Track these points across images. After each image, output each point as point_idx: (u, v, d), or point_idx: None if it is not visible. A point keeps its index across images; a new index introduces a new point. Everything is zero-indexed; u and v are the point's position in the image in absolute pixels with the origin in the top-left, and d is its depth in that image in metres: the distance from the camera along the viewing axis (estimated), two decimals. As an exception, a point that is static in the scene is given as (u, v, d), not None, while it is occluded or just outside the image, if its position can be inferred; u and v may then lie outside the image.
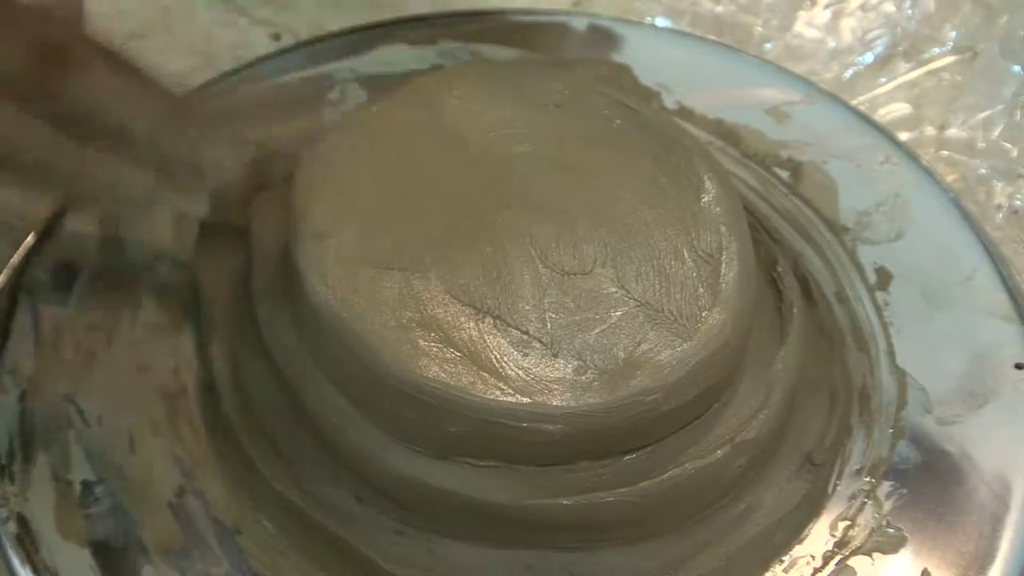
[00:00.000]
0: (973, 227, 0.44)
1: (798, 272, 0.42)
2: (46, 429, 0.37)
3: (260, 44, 0.53)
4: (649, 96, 0.49)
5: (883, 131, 0.48)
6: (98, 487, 0.36)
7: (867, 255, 0.44)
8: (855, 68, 0.54)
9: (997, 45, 0.54)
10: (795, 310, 0.39)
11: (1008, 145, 0.50)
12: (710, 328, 0.34)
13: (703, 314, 0.34)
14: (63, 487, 0.35)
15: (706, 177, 0.38)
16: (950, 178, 0.48)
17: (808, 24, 0.56)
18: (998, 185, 0.49)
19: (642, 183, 0.38)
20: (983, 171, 0.49)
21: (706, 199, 0.38)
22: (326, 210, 0.36)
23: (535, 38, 0.51)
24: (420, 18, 0.51)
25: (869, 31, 0.55)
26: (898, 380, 0.40)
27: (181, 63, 0.51)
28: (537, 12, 0.52)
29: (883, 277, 0.43)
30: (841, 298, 0.43)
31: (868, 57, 0.54)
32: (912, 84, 0.53)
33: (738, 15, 0.56)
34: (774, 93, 0.49)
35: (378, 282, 0.35)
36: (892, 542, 0.36)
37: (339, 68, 0.49)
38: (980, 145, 0.50)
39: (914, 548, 0.36)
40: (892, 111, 0.52)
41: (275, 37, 0.53)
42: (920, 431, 0.38)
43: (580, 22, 0.51)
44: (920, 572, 0.35)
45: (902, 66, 0.54)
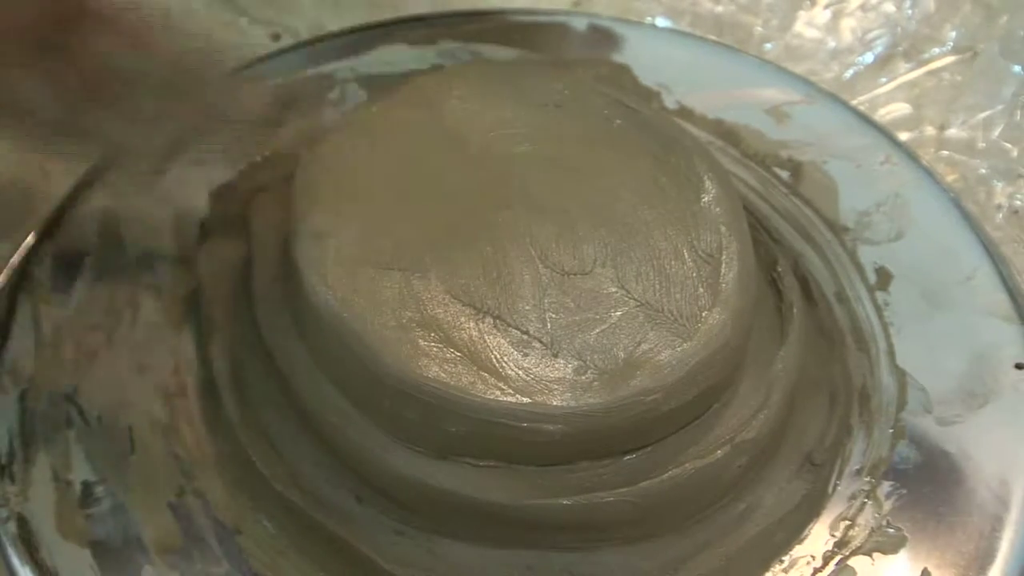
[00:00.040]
0: (973, 227, 0.44)
1: (798, 272, 0.42)
2: (46, 429, 0.37)
3: (260, 44, 0.53)
4: (649, 96, 0.49)
5: (883, 131, 0.48)
6: (98, 487, 0.36)
7: (867, 255, 0.44)
8: (855, 68, 0.54)
9: (997, 45, 0.54)
10: (795, 310, 0.39)
11: (1008, 145, 0.50)
12: (710, 328, 0.34)
13: (703, 314, 0.34)
14: (63, 487, 0.35)
15: (706, 177, 0.38)
16: (950, 178, 0.48)
17: (808, 24, 0.56)
18: (998, 185, 0.49)
19: (642, 183, 0.38)
20: (983, 171, 0.49)
21: (706, 199, 0.38)
22: (326, 210, 0.36)
23: (535, 38, 0.50)
24: (420, 18, 0.51)
25: (869, 31, 0.55)
26: (898, 380, 0.40)
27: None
28: (537, 12, 0.52)
29: (883, 277, 0.43)
30: (841, 298, 0.43)
31: (868, 57, 0.54)
32: (912, 84, 0.53)
33: (738, 15, 0.56)
34: (774, 93, 0.49)
35: (378, 282, 0.35)
36: (892, 542, 0.36)
37: (339, 68, 0.49)
38: (980, 145, 0.50)
39: (914, 548, 0.36)
40: (892, 111, 0.52)
41: (275, 37, 0.53)
42: (920, 431, 0.38)
43: (580, 22, 0.51)
44: (920, 572, 0.35)
45: (902, 66, 0.54)
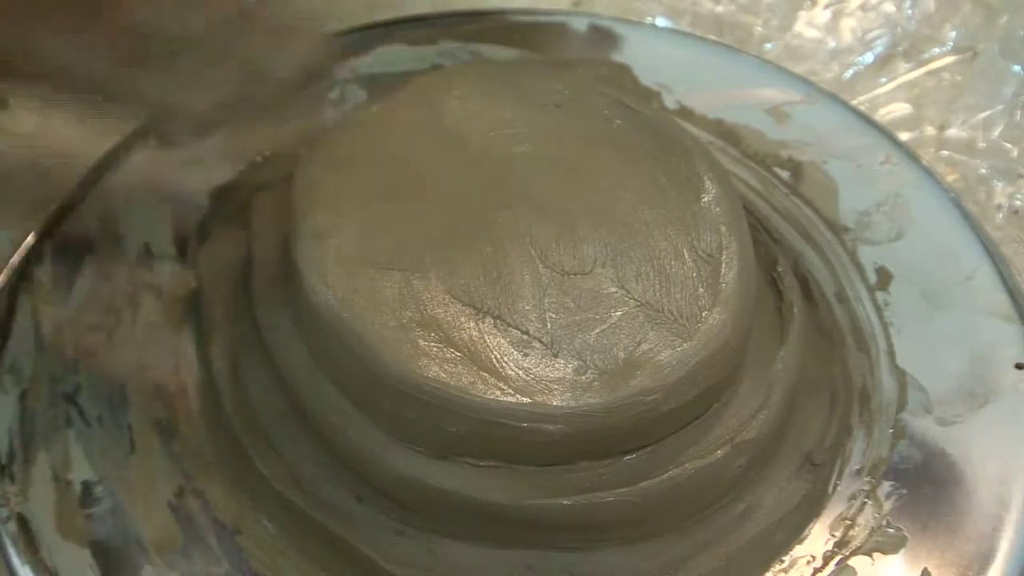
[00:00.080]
0: (973, 227, 0.44)
1: (798, 272, 0.42)
2: (46, 429, 0.37)
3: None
4: (649, 96, 0.49)
5: (883, 131, 0.48)
6: (98, 487, 0.36)
7: (867, 255, 0.44)
8: (855, 68, 0.54)
9: (997, 45, 0.54)
10: (795, 310, 0.39)
11: (1008, 145, 0.50)
12: (710, 328, 0.34)
13: (703, 314, 0.34)
14: (63, 487, 0.35)
15: (706, 177, 0.38)
16: (950, 178, 0.48)
17: (808, 24, 0.56)
18: (998, 185, 0.49)
19: (642, 183, 0.38)
20: (983, 171, 0.49)
21: (706, 199, 0.38)
22: (326, 210, 0.36)
23: (535, 38, 0.50)
24: (420, 18, 0.51)
25: (869, 31, 0.55)
26: (898, 380, 0.40)
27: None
28: (537, 12, 0.52)
29: (883, 277, 0.43)
30: (841, 298, 0.43)
31: (868, 57, 0.54)
32: (912, 84, 0.53)
33: (738, 15, 0.56)
34: (774, 93, 0.49)
35: (378, 282, 0.35)
36: (892, 542, 0.36)
37: (339, 68, 0.49)
38: (980, 145, 0.50)
39: (914, 548, 0.36)
40: (892, 111, 0.52)
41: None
42: (920, 431, 0.38)
43: (580, 22, 0.51)
44: (920, 572, 0.35)
45: (902, 66, 0.54)
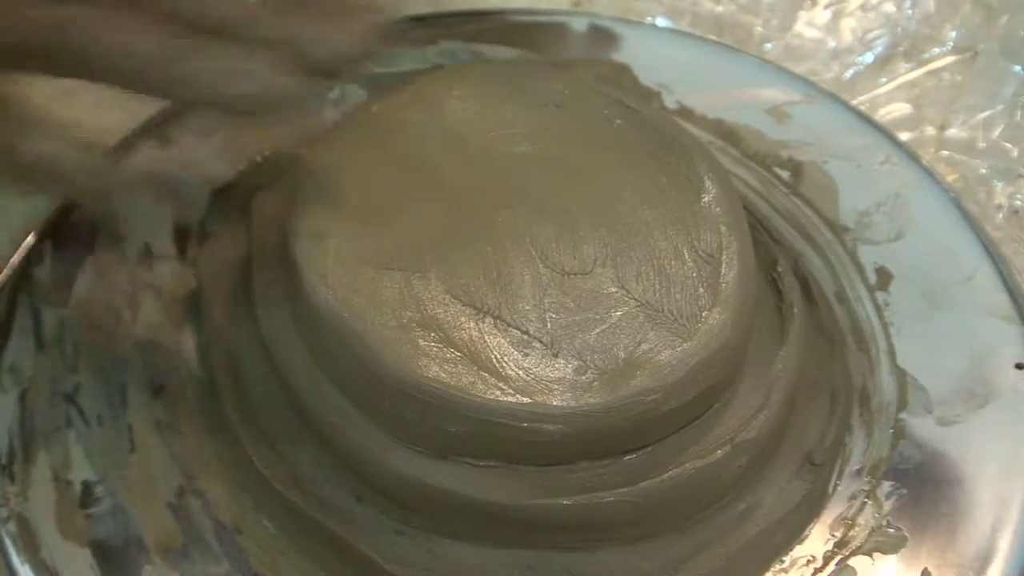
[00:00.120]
0: (973, 227, 0.44)
1: (798, 272, 0.42)
2: (46, 429, 0.36)
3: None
4: (649, 96, 0.49)
5: (883, 131, 0.48)
6: (98, 487, 0.36)
7: (867, 255, 0.44)
8: (855, 68, 0.54)
9: (997, 45, 0.54)
10: (795, 310, 0.39)
11: (1008, 145, 0.50)
12: (710, 328, 0.34)
13: (703, 314, 0.34)
14: (63, 487, 0.35)
15: (706, 177, 0.38)
16: (950, 178, 0.48)
17: (808, 24, 0.56)
18: (998, 185, 0.49)
19: (642, 183, 0.38)
20: (983, 171, 0.49)
21: (706, 199, 0.38)
22: (326, 210, 0.36)
23: (535, 38, 0.50)
24: (420, 18, 0.51)
25: (869, 31, 0.55)
26: (898, 380, 0.40)
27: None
28: (537, 12, 0.52)
29: (883, 277, 0.43)
30: (841, 298, 0.43)
31: (868, 57, 0.54)
32: (912, 84, 0.53)
33: (738, 15, 0.56)
34: (774, 93, 0.49)
35: (378, 282, 0.35)
36: (892, 542, 0.36)
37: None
38: (980, 145, 0.50)
39: (914, 548, 0.36)
40: (892, 111, 0.52)
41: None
42: (920, 431, 0.38)
43: (580, 22, 0.51)
44: (920, 572, 0.35)
45: (902, 66, 0.54)
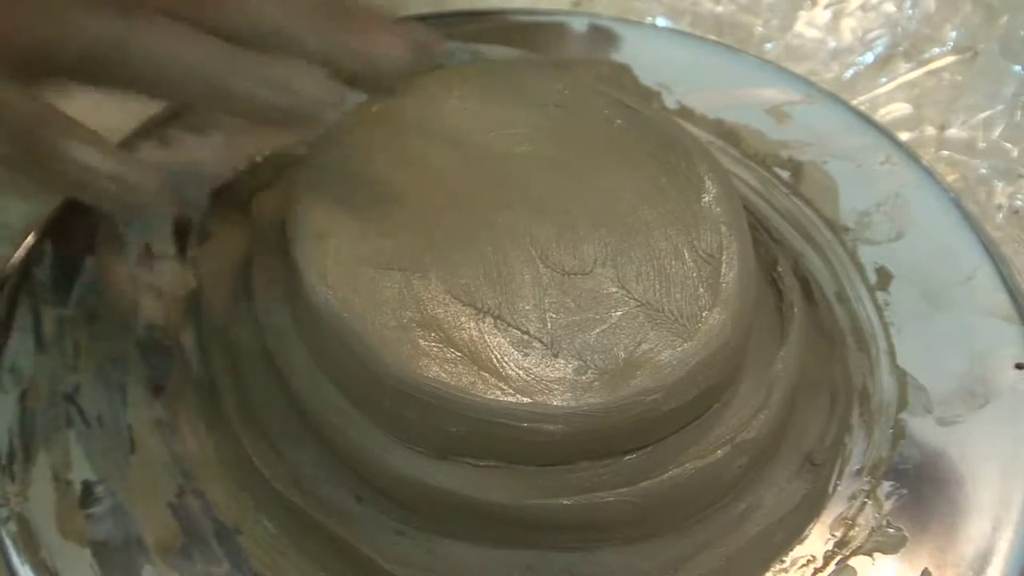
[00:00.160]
0: (973, 227, 0.44)
1: (798, 272, 0.42)
2: (46, 429, 0.36)
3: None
4: (649, 96, 0.49)
5: (883, 131, 0.48)
6: (98, 487, 0.36)
7: (867, 255, 0.44)
8: (855, 68, 0.54)
9: (997, 45, 0.54)
10: (795, 310, 0.39)
11: (1009, 145, 0.50)
12: (710, 328, 0.34)
13: (703, 314, 0.34)
14: (63, 487, 0.35)
15: (706, 177, 0.38)
16: (950, 178, 0.48)
17: (808, 24, 0.56)
18: (998, 185, 0.49)
19: (642, 183, 0.38)
20: (983, 171, 0.49)
21: (706, 199, 0.38)
22: (326, 210, 0.36)
23: (535, 38, 0.50)
24: (420, 18, 0.51)
25: (869, 31, 0.55)
26: (898, 380, 0.40)
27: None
28: (537, 12, 0.52)
29: (883, 277, 0.43)
30: (841, 298, 0.43)
31: (868, 57, 0.54)
32: (912, 84, 0.53)
33: (738, 15, 0.56)
34: (774, 93, 0.49)
35: (378, 282, 0.35)
36: (892, 542, 0.36)
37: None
38: (980, 145, 0.50)
39: (914, 548, 0.36)
40: (892, 111, 0.52)
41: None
42: (920, 431, 0.38)
43: (580, 22, 0.51)
44: (920, 572, 0.35)
45: (902, 66, 0.54)
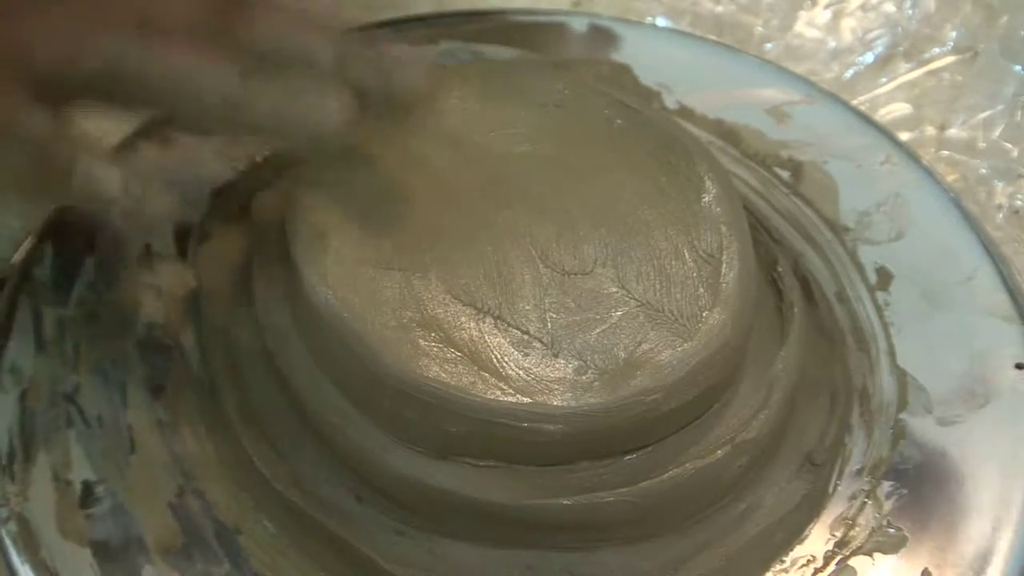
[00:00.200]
0: (973, 227, 0.44)
1: (798, 272, 0.42)
2: (46, 429, 0.36)
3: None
4: (649, 96, 0.49)
5: (883, 131, 0.48)
6: (98, 487, 0.36)
7: (867, 255, 0.44)
8: (855, 68, 0.54)
9: (997, 45, 0.54)
10: (795, 310, 0.39)
11: (1009, 145, 0.50)
12: (710, 328, 0.34)
13: (703, 314, 0.34)
14: (63, 487, 0.35)
15: (707, 177, 0.38)
16: (950, 178, 0.48)
17: (808, 24, 0.56)
18: (998, 185, 0.49)
19: (642, 183, 0.38)
20: (983, 171, 0.49)
21: (707, 199, 0.38)
22: (326, 210, 0.36)
23: (535, 38, 0.50)
24: (420, 18, 0.51)
25: (869, 31, 0.55)
26: (898, 380, 0.40)
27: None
28: (537, 12, 0.52)
29: (883, 277, 0.43)
30: (841, 298, 0.43)
31: (868, 57, 0.54)
32: (912, 84, 0.53)
33: (738, 15, 0.56)
34: (774, 93, 0.49)
35: (378, 282, 0.35)
36: (892, 542, 0.36)
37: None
38: (981, 145, 0.50)
39: (914, 548, 0.36)
40: (892, 111, 0.52)
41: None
42: (920, 431, 0.38)
43: (580, 22, 0.51)
44: (920, 572, 0.35)
45: (902, 66, 0.54)
